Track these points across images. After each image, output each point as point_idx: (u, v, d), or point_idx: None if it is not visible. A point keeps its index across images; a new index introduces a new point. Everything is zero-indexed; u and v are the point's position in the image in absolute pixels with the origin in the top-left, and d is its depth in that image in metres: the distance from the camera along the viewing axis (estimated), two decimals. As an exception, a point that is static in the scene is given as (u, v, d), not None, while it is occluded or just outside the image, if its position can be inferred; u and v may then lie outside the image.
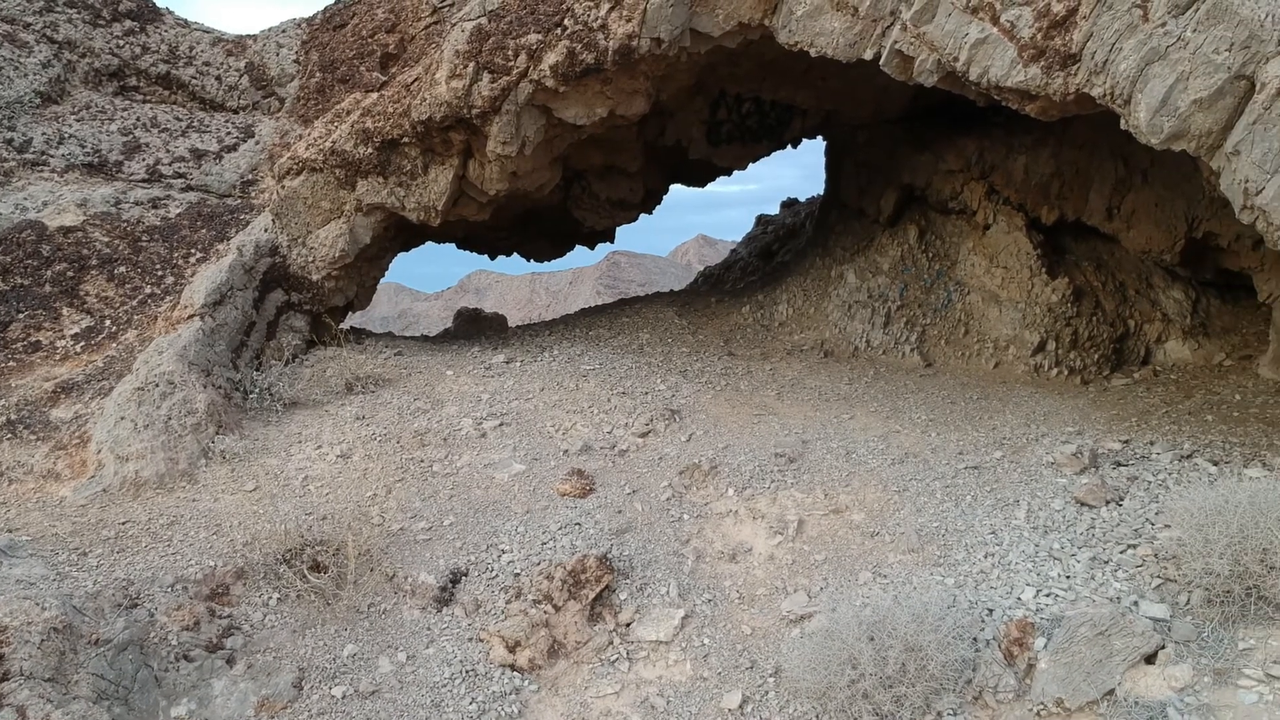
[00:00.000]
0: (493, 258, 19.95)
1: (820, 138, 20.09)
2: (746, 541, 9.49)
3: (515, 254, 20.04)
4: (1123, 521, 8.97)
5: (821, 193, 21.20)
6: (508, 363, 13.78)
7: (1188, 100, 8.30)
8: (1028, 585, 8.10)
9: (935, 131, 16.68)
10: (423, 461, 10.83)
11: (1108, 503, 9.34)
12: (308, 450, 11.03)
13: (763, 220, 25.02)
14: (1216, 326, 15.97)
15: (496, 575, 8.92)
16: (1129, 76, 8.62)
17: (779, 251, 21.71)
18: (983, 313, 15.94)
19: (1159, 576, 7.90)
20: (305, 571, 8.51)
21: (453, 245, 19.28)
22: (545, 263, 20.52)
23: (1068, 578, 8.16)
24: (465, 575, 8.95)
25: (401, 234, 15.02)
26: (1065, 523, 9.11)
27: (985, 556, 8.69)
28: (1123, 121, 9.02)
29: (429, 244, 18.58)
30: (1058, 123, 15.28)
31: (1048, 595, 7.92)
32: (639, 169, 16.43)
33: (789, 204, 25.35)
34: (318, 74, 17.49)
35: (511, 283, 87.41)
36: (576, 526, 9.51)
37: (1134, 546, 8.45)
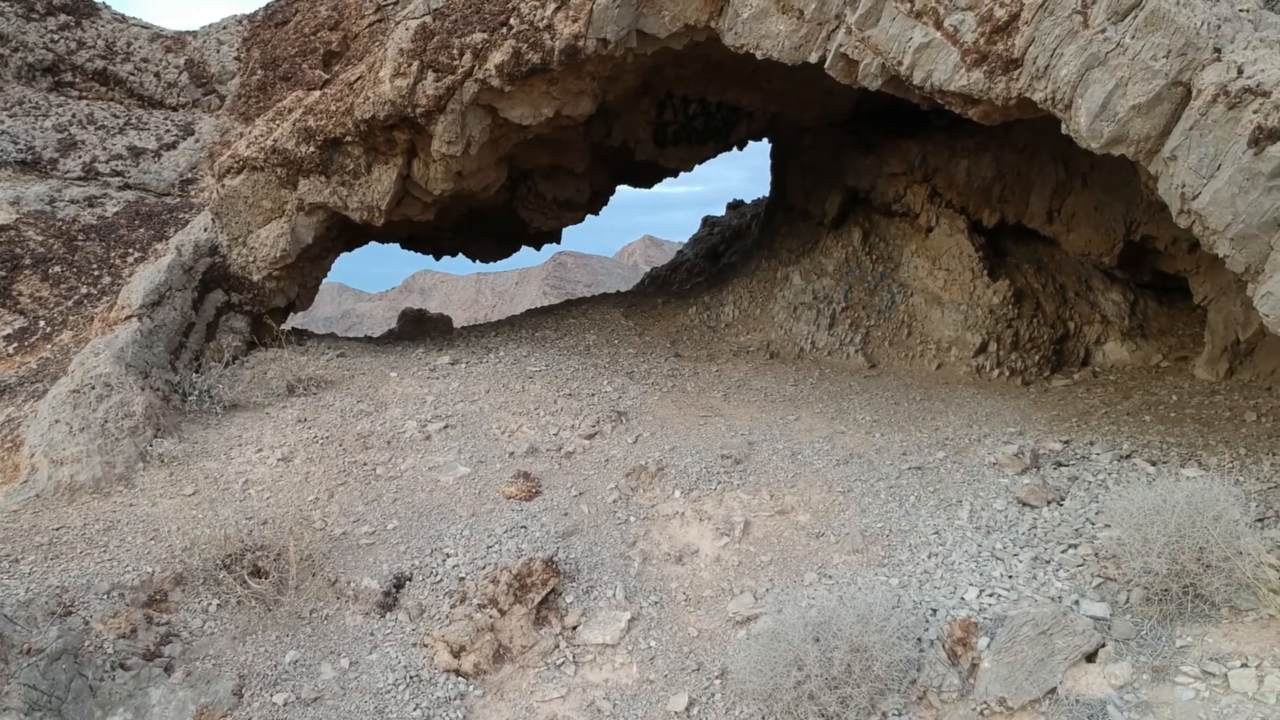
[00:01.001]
0: (437, 258, 19.77)
1: (766, 140, 20.17)
2: (693, 543, 9.47)
3: (460, 254, 19.87)
4: (1064, 521, 9.08)
5: (767, 195, 21.30)
6: (453, 364, 13.65)
7: (1126, 106, 8.42)
8: (971, 585, 8.16)
9: (880, 135, 16.81)
10: (366, 465, 10.69)
11: (1049, 503, 9.45)
12: (248, 453, 10.83)
13: (709, 222, 25.07)
14: (1154, 328, 16.25)
15: (441, 580, 8.81)
16: (1070, 82, 8.72)
17: (725, 253, 21.77)
18: (925, 314, 16.08)
19: (1099, 575, 8.00)
20: (246, 577, 8.35)
21: (397, 245, 19.10)
22: (491, 263, 20.40)
23: (1010, 577, 8.24)
24: (409, 580, 8.84)
25: (344, 234, 14.83)
26: (1007, 523, 9.20)
27: (929, 557, 8.75)
28: (1064, 126, 9.14)
29: (373, 244, 18.39)
30: (1000, 127, 15.43)
31: (991, 595, 7.98)
32: (585, 169, 16.37)
33: (735, 206, 25.42)
34: (259, 71, 17.24)
35: (457, 283, 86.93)
36: (522, 529, 9.43)
37: (1075, 546, 8.55)
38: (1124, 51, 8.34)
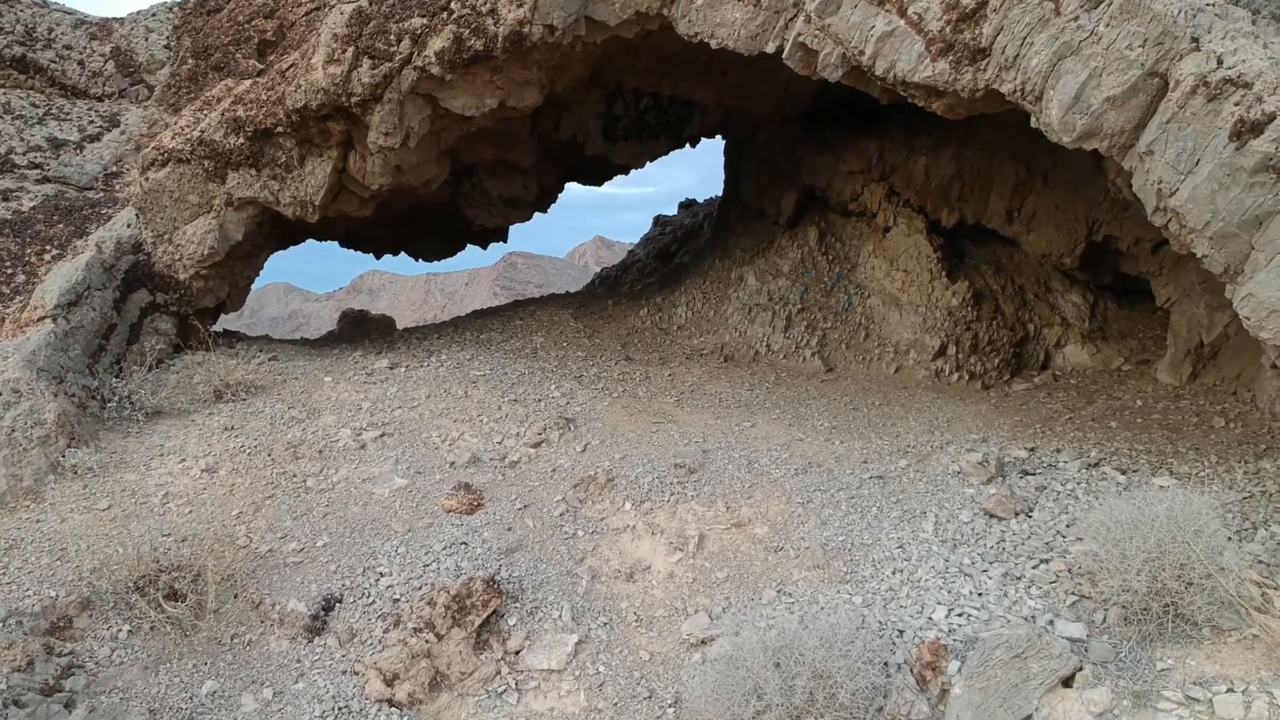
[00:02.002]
0: (378, 256, 19.11)
1: (720, 137, 19.76)
2: (645, 559, 8.98)
3: (402, 253, 19.23)
4: (1033, 534, 8.71)
5: (720, 194, 20.88)
6: (391, 368, 13.06)
7: (1100, 98, 8.05)
8: (939, 604, 7.75)
9: (836, 131, 16.44)
10: (295, 476, 10.08)
11: (1017, 514, 9.08)
12: (170, 464, 10.20)
13: (661, 221, 24.63)
14: (1114, 330, 16.04)
15: (374, 601, 8.25)
16: (1041, 72, 8.35)
17: (677, 253, 21.34)
18: (883, 316, 15.73)
19: (1074, 593, 7.63)
20: (160, 600, 7.75)
21: (358, 246, 18.46)
22: (436, 262, 19.75)
23: (980, 595, 7.84)
24: (339, 602, 8.27)
25: (277, 230, 14.18)
26: (974, 536, 8.81)
27: (894, 573, 8.33)
28: (1033, 119, 8.77)
29: (324, 242, 17.74)
30: (959, 124, 15.14)
31: (960, 615, 7.58)
32: (533, 165, 15.83)
33: (687, 205, 25.02)
34: (190, 61, 16.49)
35: (406, 283, 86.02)
36: (462, 546, 8.89)
37: (1046, 561, 8.18)
38: (1098, 40, 7.97)
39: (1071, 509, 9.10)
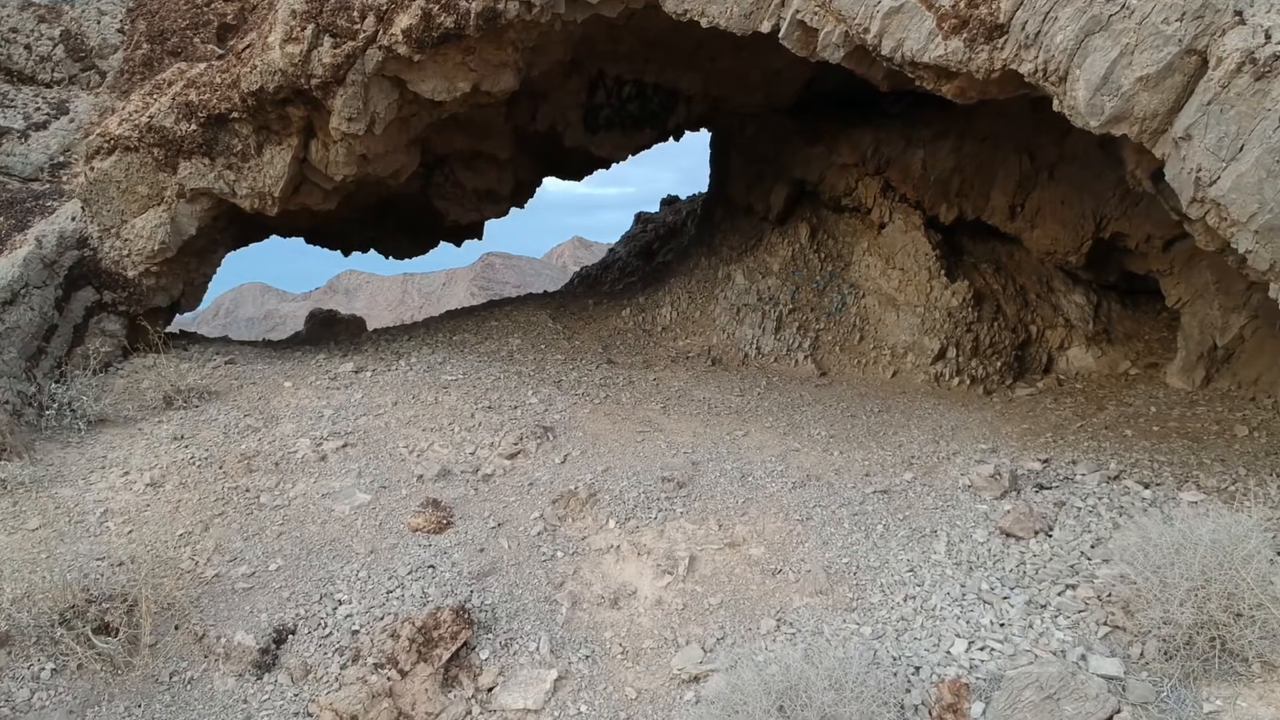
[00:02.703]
0: (346, 254, 18.33)
1: (705, 130, 19.10)
2: (630, 583, 8.27)
3: (372, 250, 18.45)
4: (1055, 556, 8.05)
5: (704, 191, 20.20)
6: (357, 372, 12.31)
7: (1132, 78, 7.40)
8: (957, 636, 7.07)
9: (829, 123, 15.79)
10: (248, 491, 9.33)
11: (1036, 533, 8.41)
12: (111, 478, 9.43)
13: (642, 218, 23.92)
14: (1119, 333, 15.48)
15: (330, 633, 7.51)
16: (1065, 50, 7.68)
17: (660, 251, 20.64)
18: (879, 317, 15.08)
19: (1106, 624, 6.96)
20: (89, 634, 6.98)
21: (325, 243, 17.66)
22: (408, 260, 18.96)
23: (1002, 625, 7.17)
24: (292, 633, 7.52)
25: (235, 225, 13.41)
26: (991, 557, 8.14)
27: (905, 600, 7.65)
28: (1056, 103, 8.10)
29: (298, 240, 16.97)
30: (959, 115, 14.55)
31: (982, 648, 6.90)
32: (509, 157, 15.09)
33: (670, 201, 24.33)
34: (145, 45, 15.68)
35: (383, 283, 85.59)
36: (430, 570, 8.16)
37: (1072, 586, 7.52)
38: (1130, 14, 7.32)
39: (1095, 527, 8.45)
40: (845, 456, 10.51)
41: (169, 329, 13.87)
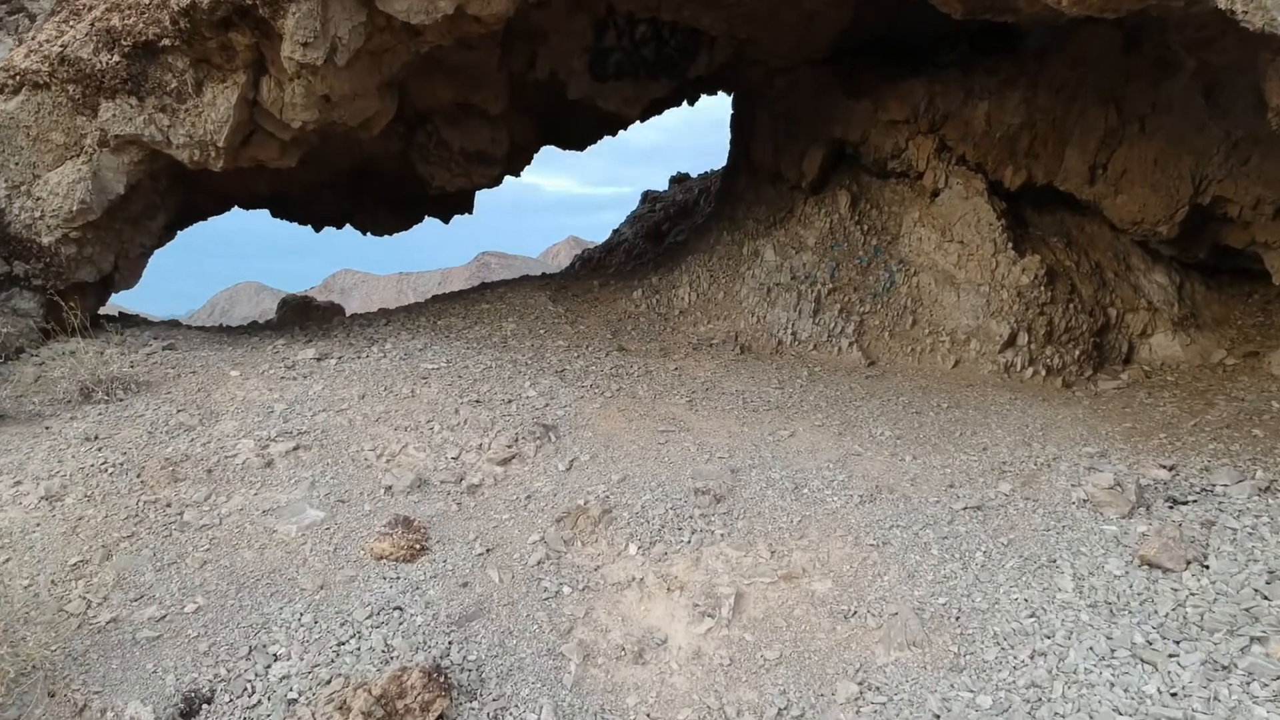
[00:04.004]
0: (318, 229, 16.47)
1: (724, 94, 17.33)
2: (659, 629, 6.49)
3: (348, 225, 16.61)
4: (1221, 595, 6.26)
5: (722, 165, 18.38)
6: (319, 359, 10.52)
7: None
8: (1118, 713, 5.28)
9: (873, 74, 13.97)
10: (170, 506, 7.53)
11: (1189, 563, 6.63)
12: (0, 488, 7.65)
13: (650, 197, 22.16)
14: (1207, 317, 13.72)
15: (259, 702, 5.71)
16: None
17: (671, 232, 18.84)
18: (935, 298, 13.27)
19: (1324, 696, 5.18)
20: (-78, 709, 5.22)
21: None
22: (388, 235, 17.09)
23: (1175, 695, 5.39)
24: (207, 702, 5.72)
25: (179, 187, 11.61)
26: (1137, 597, 6.36)
27: (1033, 657, 5.87)
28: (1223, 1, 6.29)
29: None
30: (1030, 60, 12.74)
31: (1156, 733, 5.12)
32: (503, 111, 13.25)
33: (680, 179, 22.57)
34: (81, -17, 13.91)
35: (379, 282, 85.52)
36: (396, 613, 6.36)
37: (1260, 640, 5.72)
38: None
39: (1261, 554, 6.68)
40: (920, 462, 8.73)
41: (109, 314, 12.13)
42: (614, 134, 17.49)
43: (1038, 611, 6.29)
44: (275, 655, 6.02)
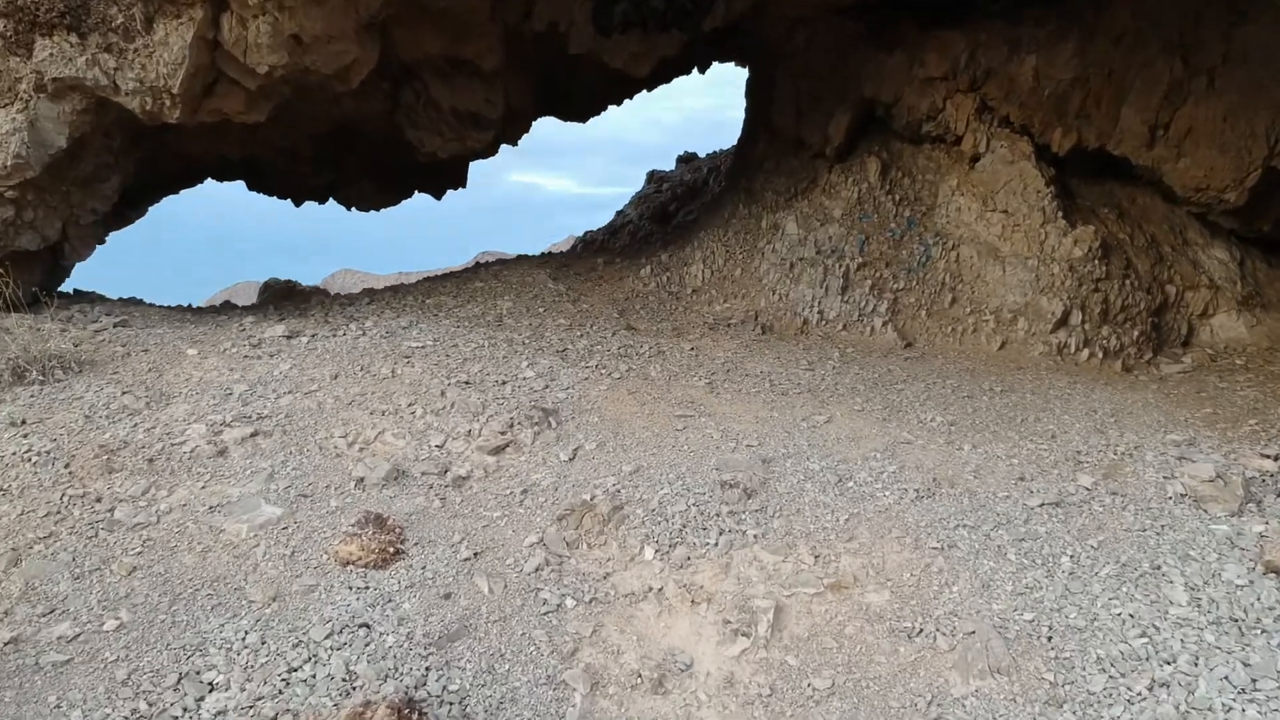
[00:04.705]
0: (298, 203, 15.36)
1: (741, 65, 16.29)
2: (682, 650, 5.41)
3: (331, 199, 15.52)
4: (1368, 608, 5.18)
5: (735, 142, 17.29)
6: (289, 337, 9.45)
7: None
8: (1278, 766, 4.21)
9: (907, 25, 12.86)
10: (99, 501, 6.45)
11: (1323, 570, 5.55)
12: (-96, 481, 6.59)
13: (656, 177, 21.02)
14: (1271, 296, 12.68)
15: (187, 745, 4.64)
16: None
17: (678, 213, 17.75)
18: (978, 273, 12.18)
19: None
20: None
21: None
22: (375, 210, 15.95)
23: (1343, 742, 4.30)
24: (122, 746, 4.66)
25: (136, 147, 10.53)
26: (1269, 612, 5.28)
27: (1151, 688, 4.78)
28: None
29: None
30: (1086, 8, 11.65)
31: (1331, 791, 4.05)
32: (497, 67, 12.13)
33: (688, 159, 21.42)
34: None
35: (378, 282, 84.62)
36: (362, 630, 5.28)
37: None
38: None
39: (1404, 560, 5.60)
40: (980, 452, 7.65)
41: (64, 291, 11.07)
42: (619, 102, 16.43)
43: (1149, 630, 5.20)
44: (210, 685, 4.93)
